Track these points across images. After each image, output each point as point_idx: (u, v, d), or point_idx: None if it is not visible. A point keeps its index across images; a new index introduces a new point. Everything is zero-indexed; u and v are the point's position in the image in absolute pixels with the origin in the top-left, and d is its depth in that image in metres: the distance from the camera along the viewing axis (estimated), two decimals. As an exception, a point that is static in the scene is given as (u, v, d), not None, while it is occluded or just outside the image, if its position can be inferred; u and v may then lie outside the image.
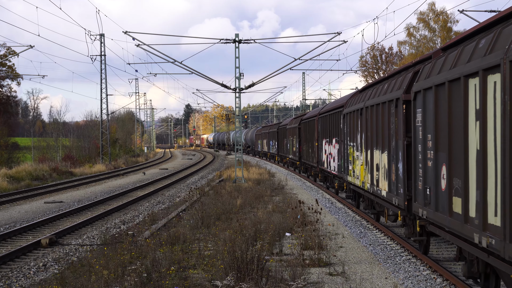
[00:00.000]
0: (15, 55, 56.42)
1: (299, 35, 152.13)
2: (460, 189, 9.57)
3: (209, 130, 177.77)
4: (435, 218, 10.98)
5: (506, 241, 7.65)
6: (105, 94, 58.73)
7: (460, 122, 9.53)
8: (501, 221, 7.90)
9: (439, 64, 11.03)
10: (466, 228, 9.25)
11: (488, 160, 8.46)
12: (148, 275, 11.37)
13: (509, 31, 8.05)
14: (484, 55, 8.58)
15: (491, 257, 8.90)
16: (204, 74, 35.98)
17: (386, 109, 15.38)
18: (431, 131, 11.20)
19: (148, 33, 41.80)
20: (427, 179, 11.54)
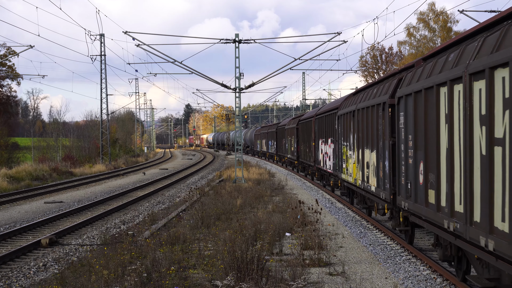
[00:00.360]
0: (15, 55, 56.43)
1: (299, 35, 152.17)
2: (434, 182, 11.04)
3: (209, 130, 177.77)
4: (415, 209, 12.43)
5: (467, 224, 9.24)
6: (105, 94, 58.74)
7: (434, 124, 11.00)
8: (463, 208, 9.42)
9: (419, 73, 12.43)
10: (438, 216, 10.76)
11: (455, 158, 9.90)
12: (148, 275, 11.38)
13: (471, 48, 9.43)
14: (451, 68, 9.99)
15: (457, 239, 10.26)
16: (204, 74, 36.00)
17: (375, 112, 16.54)
18: (411, 132, 12.61)
19: (148, 33, 41.87)
20: (408, 175, 13.00)
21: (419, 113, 12.11)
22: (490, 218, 8.40)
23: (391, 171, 14.89)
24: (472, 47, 9.38)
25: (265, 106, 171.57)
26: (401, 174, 13.69)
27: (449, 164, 10.07)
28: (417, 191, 12.30)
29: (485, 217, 8.54)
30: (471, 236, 9.12)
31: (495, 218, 8.27)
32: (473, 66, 8.97)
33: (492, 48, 8.49)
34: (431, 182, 11.27)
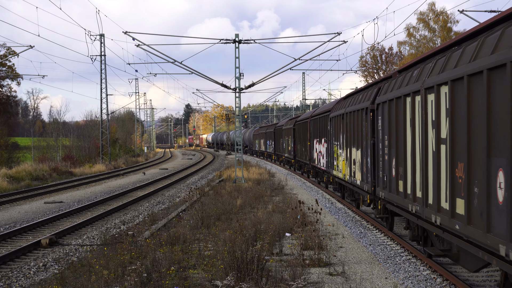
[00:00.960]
0: (15, 55, 56.47)
1: (299, 35, 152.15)
2: (402, 174, 13.64)
3: (209, 130, 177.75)
4: (389, 198, 14.97)
5: (424, 206, 11.85)
6: (105, 94, 58.73)
7: (402, 127, 13.66)
8: (421, 194, 12.00)
9: (393, 84, 14.91)
10: (405, 201, 13.35)
11: (416, 154, 12.50)
12: (148, 275, 11.38)
13: (427, 68, 11.92)
14: (414, 82, 12.62)
15: (419, 220, 12.72)
16: (204, 74, 36.00)
17: (360, 116, 18.79)
18: (387, 134, 15.17)
19: (148, 33, 41.85)
20: (385, 169, 15.55)
21: (392, 117, 14.65)
22: (438, 200, 10.89)
23: (372, 166, 17.15)
24: (428, 67, 11.91)
25: (265, 106, 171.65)
26: (379, 169, 16.19)
27: (412, 159, 12.74)
28: (391, 182, 14.82)
29: (435, 200, 11.04)
30: (426, 215, 11.67)
31: (441, 200, 10.74)
32: (427, 83, 11.47)
33: (440, 69, 10.94)
34: (401, 174, 13.85)
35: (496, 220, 8.33)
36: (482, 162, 8.75)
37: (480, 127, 8.85)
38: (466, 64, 9.49)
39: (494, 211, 8.39)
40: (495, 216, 8.34)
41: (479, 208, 8.91)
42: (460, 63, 9.84)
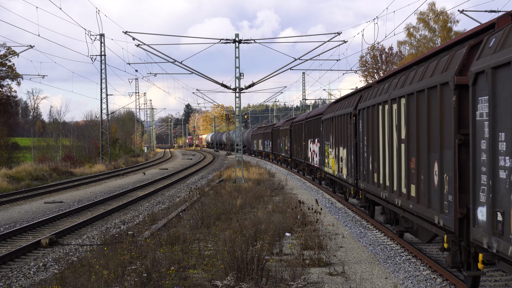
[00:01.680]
0: (15, 55, 56.41)
1: (299, 35, 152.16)
2: (376, 168, 16.56)
3: (209, 130, 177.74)
4: (367, 188, 18.05)
5: (391, 193, 14.76)
6: (105, 94, 58.73)
7: (376, 129, 16.52)
8: (389, 183, 14.92)
9: (371, 93, 17.78)
10: (378, 190, 16.29)
11: (386, 151, 15.39)
12: (148, 275, 11.38)
13: (394, 82, 14.75)
14: (384, 93, 15.48)
15: (389, 204, 15.39)
16: (204, 74, 36.00)
17: (346, 119, 21.65)
18: (365, 135, 18.13)
19: (148, 33, 41.82)
20: (364, 164, 18.56)
21: (369, 121, 17.48)
22: (399, 187, 13.88)
23: (355, 162, 20.08)
24: (394, 82, 14.74)
25: (265, 106, 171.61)
26: (360, 164, 19.28)
27: (383, 156, 15.68)
28: (368, 175, 17.84)
29: (398, 186, 14.08)
30: (392, 199, 14.75)
31: (402, 186, 13.69)
32: (392, 95, 14.40)
33: (401, 84, 13.79)
34: (375, 168, 16.79)
35: (433, 198, 11.40)
36: (426, 156, 11.77)
37: (424, 131, 11.83)
38: (416, 82, 12.30)
39: (432, 192, 11.44)
40: (433, 195, 11.43)
41: (424, 190, 11.93)
42: (413, 81, 12.66)
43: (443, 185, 10.70)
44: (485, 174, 8.85)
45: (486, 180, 8.80)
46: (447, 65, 10.70)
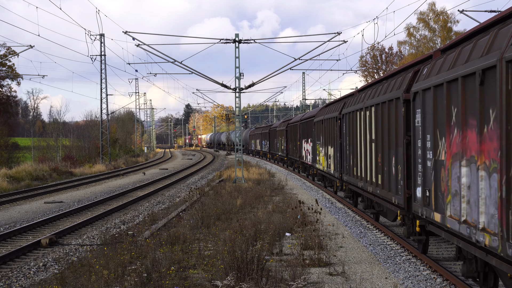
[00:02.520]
0: (15, 55, 56.44)
1: (299, 35, 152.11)
2: (356, 163, 19.86)
3: (209, 130, 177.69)
4: (349, 180, 21.24)
5: (365, 182, 18.07)
6: (105, 94, 58.71)
7: (356, 131, 19.77)
8: (364, 174, 18.18)
9: (352, 100, 20.97)
10: (357, 181, 19.62)
11: (362, 149, 18.54)
12: (148, 275, 11.37)
13: (369, 94, 17.94)
14: (361, 102, 18.71)
15: (365, 192, 18.57)
16: (204, 74, 35.99)
17: (333, 122, 24.87)
18: (348, 135, 21.33)
19: (148, 33, 41.77)
20: (346, 160, 21.84)
21: (350, 125, 20.78)
22: (371, 177, 17.32)
23: (339, 159, 23.26)
24: (369, 93, 18.02)
25: (265, 106, 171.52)
26: (344, 160, 22.42)
27: (360, 152, 18.93)
28: (350, 168, 21.03)
29: (370, 177, 17.48)
30: (366, 188, 18.01)
31: (373, 176, 17.07)
32: (366, 104, 17.76)
33: (372, 96, 17.24)
34: (354, 163, 20.02)
35: (392, 184, 14.88)
36: (387, 152, 15.37)
37: (386, 133, 15.45)
38: (381, 95, 15.95)
39: (391, 179, 14.93)
40: (392, 182, 14.91)
41: (387, 178, 15.42)
42: (380, 94, 16.29)
43: (398, 174, 14.30)
44: (420, 164, 12.27)
45: (421, 169, 12.21)
46: (400, 84, 14.26)
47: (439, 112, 11.04)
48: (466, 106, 9.60)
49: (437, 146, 11.24)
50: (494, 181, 8.41)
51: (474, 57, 9.40)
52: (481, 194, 8.92)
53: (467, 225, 9.46)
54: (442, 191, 10.87)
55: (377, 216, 18.85)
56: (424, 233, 13.32)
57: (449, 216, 10.45)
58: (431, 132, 11.50)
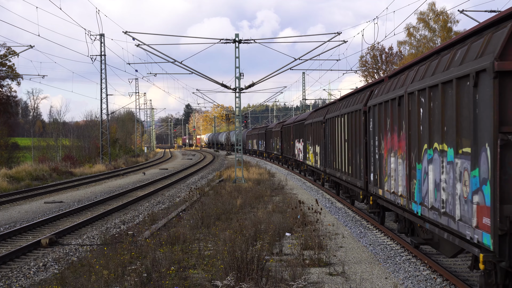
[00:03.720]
0: (15, 55, 56.42)
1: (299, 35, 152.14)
2: (335, 158, 23.95)
3: (209, 130, 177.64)
4: (330, 172, 25.84)
5: (341, 173, 22.67)
6: (105, 94, 58.69)
7: (335, 133, 23.87)
8: (340, 166, 22.45)
9: (333, 108, 25.41)
10: (335, 172, 23.99)
11: (339, 147, 22.78)
12: (148, 275, 11.37)
13: (342, 104, 22.66)
14: (338, 110, 23.01)
15: (341, 181, 23.07)
16: (204, 74, 35.99)
17: (319, 125, 29.32)
18: (330, 136, 25.67)
19: (148, 33, 41.75)
20: (329, 156, 26.14)
21: (332, 127, 25.06)
22: (345, 168, 21.69)
23: (324, 155, 27.66)
24: (344, 103, 22.30)
25: (265, 106, 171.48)
26: (328, 156, 26.49)
27: (338, 150, 23.32)
28: (331, 163, 25.38)
29: (344, 168, 21.76)
30: (341, 177, 22.68)
31: (346, 168, 21.40)
32: (341, 112, 22.00)
33: (345, 106, 21.58)
34: (334, 158, 24.52)
35: (357, 172, 19.40)
36: (355, 149, 19.74)
37: (353, 135, 19.95)
38: (351, 106, 20.27)
39: (357, 169, 19.38)
40: (357, 171, 19.40)
41: (354, 168, 19.91)
42: (349, 105, 20.81)
43: (360, 165, 18.85)
44: (372, 157, 17.12)
45: (372, 160, 17.08)
46: (362, 99, 18.71)
47: (381, 122, 15.87)
48: (393, 119, 14.51)
49: (380, 145, 16.14)
50: (404, 165, 13.40)
51: (397, 87, 14.19)
52: (399, 174, 13.99)
53: (394, 195, 14.49)
54: (383, 174, 15.81)
55: (352, 201, 23.17)
56: (379, 207, 17.61)
57: (386, 190, 15.44)
58: (377, 135, 16.42)
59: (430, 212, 11.55)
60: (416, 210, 12.52)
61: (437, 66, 11.39)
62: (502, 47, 8.57)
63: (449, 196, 10.50)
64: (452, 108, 10.19)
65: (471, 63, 9.42)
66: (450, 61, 10.66)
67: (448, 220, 10.47)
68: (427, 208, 11.73)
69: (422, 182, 12.09)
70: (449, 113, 10.38)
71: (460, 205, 9.95)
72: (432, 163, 11.45)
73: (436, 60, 11.62)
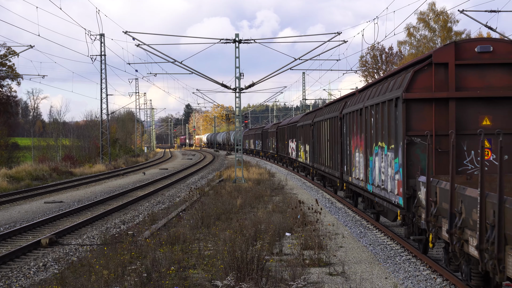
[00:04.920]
0: (15, 55, 56.42)
1: (299, 35, 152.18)
2: (321, 154, 28.60)
3: (209, 130, 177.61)
4: (317, 167, 30.46)
5: (325, 166, 27.59)
6: (105, 94, 58.67)
7: (320, 134, 28.65)
8: (323, 161, 28.09)
9: (319, 113, 30.02)
10: (320, 166, 29.07)
11: (323, 146, 27.91)
12: (148, 275, 11.37)
13: (326, 110, 28.09)
14: (322, 116, 28.52)
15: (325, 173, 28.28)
16: (204, 74, 35.99)
17: (308, 127, 34.10)
18: (316, 137, 30.20)
19: (148, 33, 41.75)
20: (316, 153, 30.24)
21: (318, 130, 29.77)
22: (326, 162, 27.08)
23: (312, 153, 32.31)
24: (327, 110, 27.42)
25: (265, 106, 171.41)
26: (315, 154, 30.97)
27: (322, 148, 27.69)
28: (318, 159, 29.99)
29: (327, 162, 26.77)
30: (324, 170, 27.77)
31: (327, 162, 26.58)
32: (325, 117, 26.97)
33: (328, 112, 26.81)
34: (320, 154, 28.82)
35: (335, 165, 24.05)
36: (334, 147, 24.23)
37: (332, 136, 24.65)
38: (332, 113, 24.82)
39: (336, 163, 23.92)
40: (336, 164, 23.95)
41: (334, 163, 24.40)
42: (330, 112, 25.55)
43: (337, 159, 23.48)
44: (345, 153, 21.67)
45: (345, 156, 21.59)
46: (339, 108, 23.40)
47: (351, 126, 20.57)
48: (357, 124, 19.39)
49: (350, 143, 20.85)
50: (361, 157, 18.65)
51: (360, 101, 19.07)
52: (361, 164, 18.80)
53: (358, 180, 19.45)
54: (351, 165, 20.65)
55: (335, 190, 27.45)
56: (352, 192, 22.12)
57: (354, 178, 20.26)
58: (348, 136, 21.10)
59: (377, 189, 16.69)
60: (370, 189, 17.65)
61: (381, 90, 16.35)
62: (407, 84, 13.90)
63: (385, 177, 15.64)
64: (386, 119, 15.41)
65: (394, 91, 14.69)
66: (386, 87, 15.76)
67: (385, 192, 15.72)
68: (375, 186, 16.90)
69: (372, 169, 17.18)
70: (385, 122, 15.48)
71: (390, 182, 15.19)
72: (377, 155, 16.55)
73: (381, 86, 16.60)
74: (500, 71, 13.86)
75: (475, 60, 13.86)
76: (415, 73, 13.88)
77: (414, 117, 13.85)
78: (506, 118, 13.77)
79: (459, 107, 13.80)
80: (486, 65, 13.87)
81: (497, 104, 13.79)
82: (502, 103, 13.78)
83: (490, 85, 13.82)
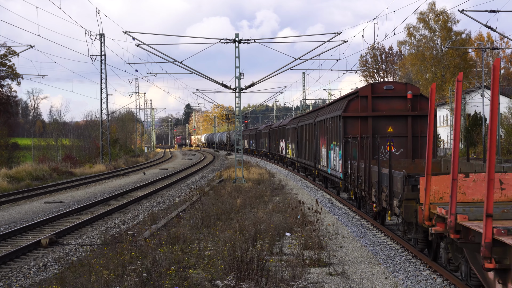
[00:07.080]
0: (15, 55, 56.36)
1: (299, 35, 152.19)
2: (303, 151, 37.38)
3: (209, 130, 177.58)
4: (300, 160, 39.78)
5: (310, 160, 34.35)
6: (105, 94, 58.65)
7: (303, 136, 37.08)
8: (305, 155, 36.64)
9: (303, 119, 39.38)
10: (304, 160, 37.30)
11: (305, 144, 36.22)
12: (148, 275, 11.38)
13: (307, 117, 37.96)
14: (306, 121, 37.20)
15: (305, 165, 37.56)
16: (204, 74, 36.00)
17: (293, 129, 41.56)
18: (300, 138, 39.00)
19: (148, 33, 41.78)
20: (300, 150, 39.20)
21: (301, 132, 38.09)
22: (306, 156, 36.08)
23: (297, 150, 39.65)
24: (307, 117, 37.54)
25: (265, 106, 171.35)
26: (299, 150, 38.83)
27: (305, 146, 36.38)
28: (301, 154, 38.35)
29: (307, 156, 35.67)
30: (306, 162, 36.49)
31: (308, 156, 35.22)
32: (306, 123, 36.00)
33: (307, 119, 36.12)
34: (302, 150, 37.73)
35: (312, 158, 32.81)
36: (311, 146, 33.03)
37: (310, 138, 33.56)
38: (309, 120, 34.22)
39: (312, 156, 33.08)
40: (312, 157, 32.73)
41: (311, 156, 33.27)
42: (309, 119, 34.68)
43: (313, 153, 31.49)
44: (318, 149, 30.21)
45: (318, 151, 30.40)
46: (314, 116, 31.61)
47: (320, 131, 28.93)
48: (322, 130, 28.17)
49: (319, 142, 29.22)
50: (325, 151, 27.57)
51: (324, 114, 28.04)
52: (324, 156, 27.65)
53: (323, 166, 28.04)
54: (320, 157, 29.12)
55: (314, 178, 34.55)
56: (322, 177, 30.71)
57: (321, 165, 28.67)
58: (319, 137, 29.43)
59: (332, 171, 25.73)
60: (329, 171, 26.75)
61: (334, 108, 26.15)
62: (344, 107, 23.27)
63: (336, 162, 24.48)
64: (335, 127, 24.45)
65: (337, 111, 24.19)
66: (336, 108, 25.56)
67: (335, 172, 24.76)
68: (331, 169, 25.95)
69: (330, 158, 26.18)
70: (335, 129, 24.74)
71: (337, 165, 24.10)
72: (332, 150, 25.44)
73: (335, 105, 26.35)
74: (398, 100, 23.25)
75: (383, 94, 23.29)
76: (349, 101, 23.38)
77: (349, 126, 23.10)
78: (401, 127, 23.13)
79: (374, 121, 23.09)
80: (389, 97, 23.29)
81: (396, 120, 23.19)
82: (399, 119, 23.19)
83: (392, 108, 23.19)
